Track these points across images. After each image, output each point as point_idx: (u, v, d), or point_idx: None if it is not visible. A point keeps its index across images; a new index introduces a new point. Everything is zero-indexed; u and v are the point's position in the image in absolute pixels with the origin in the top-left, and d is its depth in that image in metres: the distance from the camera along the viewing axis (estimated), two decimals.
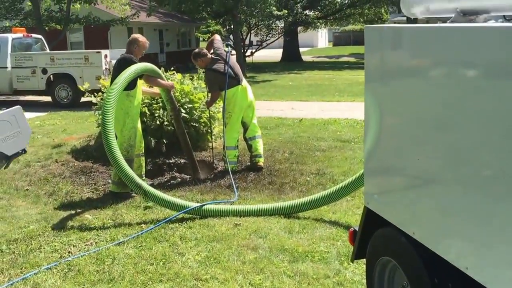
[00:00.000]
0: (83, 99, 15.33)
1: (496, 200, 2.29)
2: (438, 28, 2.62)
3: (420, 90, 2.83)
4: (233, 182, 6.77)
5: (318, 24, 36.07)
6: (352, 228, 3.79)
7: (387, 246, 3.31)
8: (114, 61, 15.27)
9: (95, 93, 8.51)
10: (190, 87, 8.19)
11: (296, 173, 7.36)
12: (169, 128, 7.64)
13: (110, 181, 6.89)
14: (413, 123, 2.95)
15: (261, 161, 7.66)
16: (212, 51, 7.65)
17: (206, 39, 43.84)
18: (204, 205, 5.82)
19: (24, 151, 4.82)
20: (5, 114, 4.75)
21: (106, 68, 14.98)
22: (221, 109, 7.81)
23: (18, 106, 4.96)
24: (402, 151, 3.09)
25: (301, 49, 39.24)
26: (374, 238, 3.45)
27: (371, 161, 3.48)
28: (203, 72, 8.02)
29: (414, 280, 3.02)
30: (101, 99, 8.20)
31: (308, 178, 7.12)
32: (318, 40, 60.40)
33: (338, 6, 35.47)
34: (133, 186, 5.78)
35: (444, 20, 3.21)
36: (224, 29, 35.73)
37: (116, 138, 6.15)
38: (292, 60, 35.15)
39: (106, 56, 15.28)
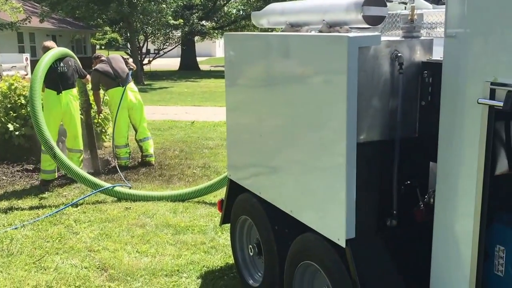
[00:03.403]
0: None
1: (306, 164, 3.23)
2: (261, 36, 3.55)
3: (252, 84, 3.74)
4: (121, 175, 7.52)
5: (215, 34, 37.20)
6: (220, 198, 4.67)
7: (244, 207, 4.20)
8: (4, 65, 15.27)
9: None
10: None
11: (184, 167, 8.17)
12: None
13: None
14: (253, 113, 3.84)
15: (152, 160, 8.38)
16: None
17: (102, 47, 43.40)
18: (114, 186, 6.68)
19: None
20: None
21: None
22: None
23: None
24: (246, 135, 3.99)
25: (199, 59, 40.06)
26: (235, 203, 4.34)
27: (229, 144, 4.37)
28: None
29: (263, 231, 3.93)
30: None
31: (195, 171, 7.95)
32: (216, 49, 61.59)
33: (233, 18, 36.81)
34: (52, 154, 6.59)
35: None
36: (121, 37, 35.72)
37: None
38: (189, 69, 35.85)
39: None
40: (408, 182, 2.87)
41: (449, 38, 2.49)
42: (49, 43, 7.64)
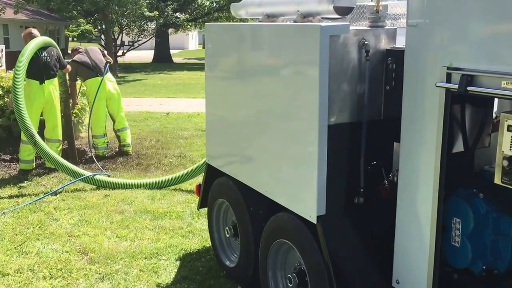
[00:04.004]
0: None
1: (277, 153, 3.43)
2: (241, 25, 3.74)
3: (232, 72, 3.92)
4: (98, 164, 7.60)
5: (188, 26, 37.15)
6: (198, 183, 4.84)
7: (221, 191, 4.38)
8: None
9: None
10: None
11: (161, 156, 8.31)
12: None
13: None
14: (232, 99, 4.02)
15: (130, 150, 8.49)
16: None
17: (75, 38, 42.88)
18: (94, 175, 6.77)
19: None
20: None
21: None
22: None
23: None
24: (224, 120, 4.17)
25: (172, 51, 39.91)
26: (213, 186, 4.52)
27: (208, 129, 4.55)
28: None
29: (239, 213, 4.11)
30: None
31: (171, 160, 8.10)
32: (189, 42, 61.48)
33: (206, 10, 36.79)
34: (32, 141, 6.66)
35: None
36: (96, 29, 35.34)
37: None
38: (163, 61, 35.72)
39: None
40: (374, 162, 3.09)
41: (410, 27, 2.71)
42: (35, 31, 7.60)
